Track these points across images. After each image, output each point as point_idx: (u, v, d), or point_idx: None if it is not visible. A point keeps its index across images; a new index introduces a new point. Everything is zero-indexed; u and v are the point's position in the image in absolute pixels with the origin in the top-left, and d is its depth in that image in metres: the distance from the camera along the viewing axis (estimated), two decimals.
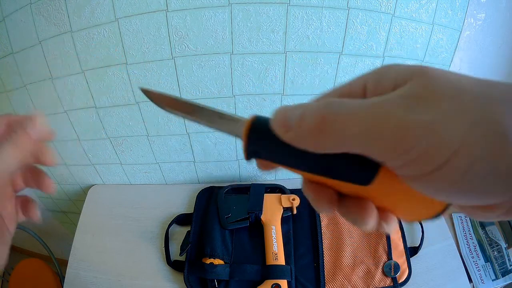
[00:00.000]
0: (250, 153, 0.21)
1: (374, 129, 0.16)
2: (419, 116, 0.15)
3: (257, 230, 0.78)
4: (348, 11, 0.63)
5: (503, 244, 0.90)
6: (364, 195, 0.20)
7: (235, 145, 0.86)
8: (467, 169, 0.15)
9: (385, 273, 0.73)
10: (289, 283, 0.71)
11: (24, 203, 0.33)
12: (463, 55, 0.72)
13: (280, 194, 0.82)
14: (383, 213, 0.20)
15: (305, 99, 0.58)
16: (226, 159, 0.90)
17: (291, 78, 0.72)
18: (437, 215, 0.20)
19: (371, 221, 0.20)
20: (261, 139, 0.20)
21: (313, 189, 0.21)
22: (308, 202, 0.21)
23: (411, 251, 0.77)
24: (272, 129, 0.19)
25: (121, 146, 0.85)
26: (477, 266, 0.87)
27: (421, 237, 0.79)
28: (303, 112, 0.18)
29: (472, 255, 0.89)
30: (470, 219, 0.97)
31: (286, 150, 0.19)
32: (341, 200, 0.21)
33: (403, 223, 0.81)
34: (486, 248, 0.90)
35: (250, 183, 0.86)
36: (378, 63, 0.71)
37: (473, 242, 0.92)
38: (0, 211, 0.28)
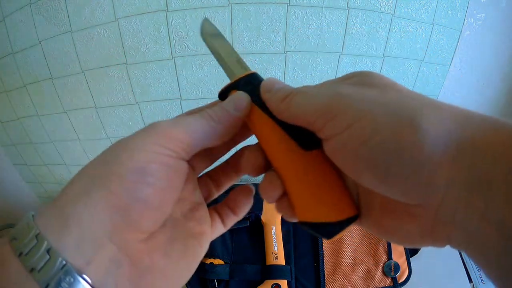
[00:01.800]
0: (234, 84, 0.25)
1: (314, 94, 0.20)
2: (346, 89, 0.19)
3: (257, 230, 0.78)
4: (348, 11, 0.63)
5: None
6: (288, 167, 0.22)
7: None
8: (372, 134, 0.16)
9: (385, 273, 0.73)
10: (289, 283, 0.71)
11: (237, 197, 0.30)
12: (463, 55, 0.72)
13: None
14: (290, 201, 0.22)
15: None
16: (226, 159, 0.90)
17: (291, 78, 0.72)
18: (339, 222, 0.20)
19: (275, 193, 0.22)
20: (255, 82, 0.24)
21: (251, 155, 0.24)
22: None
23: (411, 251, 0.77)
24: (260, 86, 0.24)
25: None
26: (477, 266, 0.87)
27: None
28: (283, 87, 0.23)
29: None
30: None
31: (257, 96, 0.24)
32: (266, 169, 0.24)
33: None
34: None
35: (250, 183, 0.86)
36: (378, 63, 0.71)
37: None
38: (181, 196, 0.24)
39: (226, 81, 0.76)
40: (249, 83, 0.24)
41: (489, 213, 0.14)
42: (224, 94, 0.26)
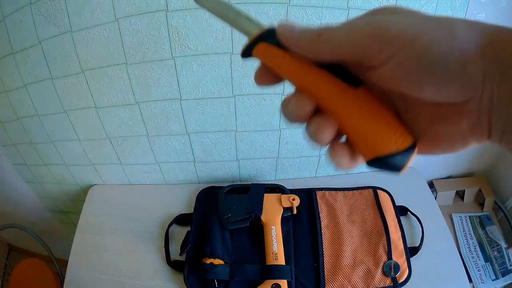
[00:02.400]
0: (258, 38, 0.23)
1: (351, 29, 0.21)
2: (383, 17, 0.21)
3: (257, 230, 0.78)
4: (348, 11, 0.63)
5: (503, 244, 0.90)
6: (344, 109, 0.22)
7: (235, 145, 0.86)
8: (425, 50, 0.19)
9: (385, 273, 0.73)
10: (289, 283, 0.71)
11: None
12: None
13: (280, 194, 0.82)
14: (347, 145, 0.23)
15: None
16: (226, 159, 0.90)
17: None
18: (402, 152, 0.21)
19: (327, 134, 0.23)
20: (275, 35, 0.23)
21: (297, 98, 0.23)
22: (308, 202, 0.22)
23: (411, 251, 0.77)
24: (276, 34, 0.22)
25: (121, 146, 0.85)
26: (477, 266, 0.87)
27: (421, 237, 0.79)
28: (307, 27, 0.22)
29: (472, 255, 0.89)
30: (470, 219, 0.97)
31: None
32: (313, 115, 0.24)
33: (402, 223, 0.81)
34: (486, 248, 0.90)
35: (250, 183, 0.86)
36: None
37: (473, 242, 0.92)
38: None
39: (226, 81, 0.76)
40: (273, 35, 0.23)
41: None
42: (248, 51, 0.24)
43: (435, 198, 0.93)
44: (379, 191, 0.87)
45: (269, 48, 0.23)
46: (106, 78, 0.71)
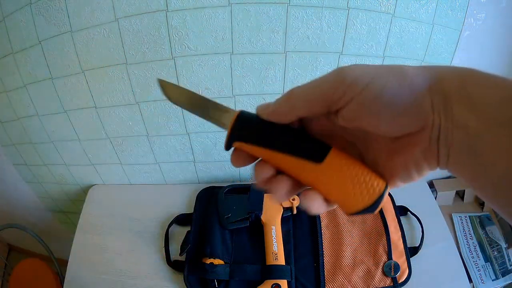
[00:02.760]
0: (232, 136, 0.26)
1: (318, 83, 0.24)
2: (347, 68, 0.24)
3: (257, 230, 0.78)
4: (348, 11, 0.63)
5: (503, 244, 0.90)
6: (314, 182, 0.25)
7: None
8: (380, 91, 0.22)
9: (385, 273, 0.73)
10: (289, 283, 0.71)
11: None
12: (463, 55, 0.72)
13: None
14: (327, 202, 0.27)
15: None
16: (226, 159, 0.90)
17: (291, 78, 0.72)
18: (375, 201, 0.24)
19: (316, 204, 0.26)
20: (246, 122, 0.26)
21: (274, 180, 0.27)
22: None
23: (411, 251, 0.77)
24: (257, 114, 0.26)
25: (121, 146, 0.85)
26: (477, 266, 0.87)
27: (421, 237, 0.79)
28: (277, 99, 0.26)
29: (472, 255, 0.89)
30: (470, 219, 0.97)
31: (262, 129, 0.26)
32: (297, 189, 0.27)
33: (402, 223, 0.81)
34: (486, 248, 0.90)
35: (250, 183, 0.86)
36: (378, 63, 0.71)
37: (473, 242, 0.92)
38: None
39: (226, 81, 0.76)
40: (244, 126, 0.26)
41: (456, 119, 0.21)
42: (228, 146, 0.27)
43: (435, 198, 0.93)
44: None
45: (243, 145, 0.26)
46: (106, 78, 0.71)
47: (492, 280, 0.85)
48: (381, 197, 0.24)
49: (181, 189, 0.92)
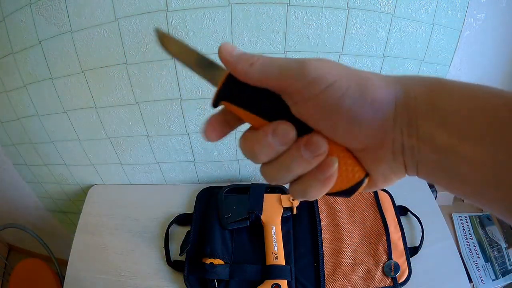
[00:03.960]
0: (221, 94, 0.26)
1: (286, 65, 0.22)
2: (309, 59, 0.22)
3: (257, 230, 0.78)
4: (348, 11, 0.63)
5: (503, 244, 0.90)
6: None
7: (235, 145, 0.86)
8: (344, 91, 0.21)
9: (385, 273, 0.73)
10: (289, 283, 0.71)
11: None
12: (463, 55, 0.72)
13: (280, 194, 0.82)
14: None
15: None
16: (226, 159, 0.90)
17: None
18: (352, 187, 0.24)
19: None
20: (235, 83, 0.25)
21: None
22: (308, 202, 0.25)
23: (411, 251, 0.77)
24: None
25: (121, 146, 0.85)
26: (477, 266, 0.87)
27: (421, 237, 0.79)
28: (244, 52, 0.25)
29: (472, 255, 0.89)
30: (470, 219, 0.97)
31: (250, 93, 0.25)
32: None
33: (402, 223, 0.81)
34: (486, 248, 0.90)
35: (250, 183, 0.86)
36: (378, 63, 0.71)
37: (473, 242, 0.92)
38: None
39: None
40: (231, 90, 0.25)
41: (422, 135, 0.20)
42: (215, 105, 0.27)
43: (435, 198, 0.93)
44: (379, 191, 0.87)
45: (230, 105, 0.26)
46: (106, 78, 0.71)
47: (492, 280, 0.85)
48: (358, 184, 0.24)
49: (181, 189, 0.92)
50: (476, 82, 0.21)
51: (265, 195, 0.81)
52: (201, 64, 0.27)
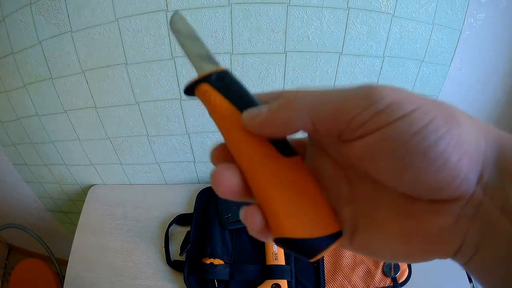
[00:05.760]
0: (202, 78, 0.21)
1: (337, 95, 0.18)
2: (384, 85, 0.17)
3: None
4: (348, 11, 0.63)
5: None
6: (262, 177, 0.19)
7: None
8: (427, 123, 0.16)
9: (385, 273, 0.73)
10: (289, 283, 0.71)
11: None
12: (463, 55, 0.72)
13: None
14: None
15: None
16: None
17: (291, 78, 0.72)
18: (316, 238, 0.18)
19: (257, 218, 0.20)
20: (229, 78, 0.21)
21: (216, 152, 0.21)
22: None
23: None
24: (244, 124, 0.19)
25: (121, 146, 0.85)
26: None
27: None
28: (272, 103, 0.19)
29: None
30: None
31: (238, 89, 0.21)
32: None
33: None
34: None
35: None
36: (378, 63, 0.71)
37: None
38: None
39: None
40: (222, 80, 0.21)
41: (506, 205, 0.15)
42: (191, 89, 0.22)
43: None
44: None
45: (211, 90, 0.21)
46: (106, 78, 0.71)
47: None
48: (330, 238, 0.18)
49: (181, 189, 0.92)
50: (478, 84, 0.18)
51: None
52: (203, 57, 0.23)
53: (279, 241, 0.18)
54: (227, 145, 0.21)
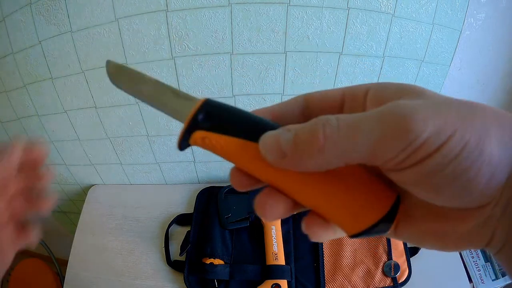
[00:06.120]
0: (192, 124, 0.19)
1: (361, 126, 0.16)
2: (423, 110, 0.16)
3: (257, 230, 0.78)
4: (348, 11, 0.63)
5: None
6: (310, 189, 0.19)
7: None
8: (462, 148, 0.15)
9: (385, 273, 0.73)
10: (289, 283, 0.71)
11: (24, 228, 0.33)
12: (463, 55, 0.72)
13: None
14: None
15: None
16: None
17: (291, 78, 0.72)
18: (385, 215, 0.18)
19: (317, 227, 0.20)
20: (214, 110, 0.19)
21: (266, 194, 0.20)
22: None
23: (411, 251, 0.77)
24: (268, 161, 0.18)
25: (121, 146, 0.85)
26: (477, 266, 0.87)
27: None
28: (295, 133, 0.17)
29: (472, 255, 0.89)
30: None
31: (237, 117, 0.19)
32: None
33: None
34: None
35: None
36: (378, 63, 0.71)
37: None
38: None
39: (226, 81, 0.76)
40: (211, 115, 0.19)
41: None
42: (184, 143, 0.20)
43: None
44: None
45: (208, 135, 0.19)
46: (106, 78, 0.71)
47: (492, 280, 0.85)
48: (393, 210, 0.18)
49: (181, 189, 0.92)
50: (478, 84, 0.18)
51: None
52: (163, 96, 0.21)
53: (353, 237, 0.19)
54: (252, 173, 0.19)
